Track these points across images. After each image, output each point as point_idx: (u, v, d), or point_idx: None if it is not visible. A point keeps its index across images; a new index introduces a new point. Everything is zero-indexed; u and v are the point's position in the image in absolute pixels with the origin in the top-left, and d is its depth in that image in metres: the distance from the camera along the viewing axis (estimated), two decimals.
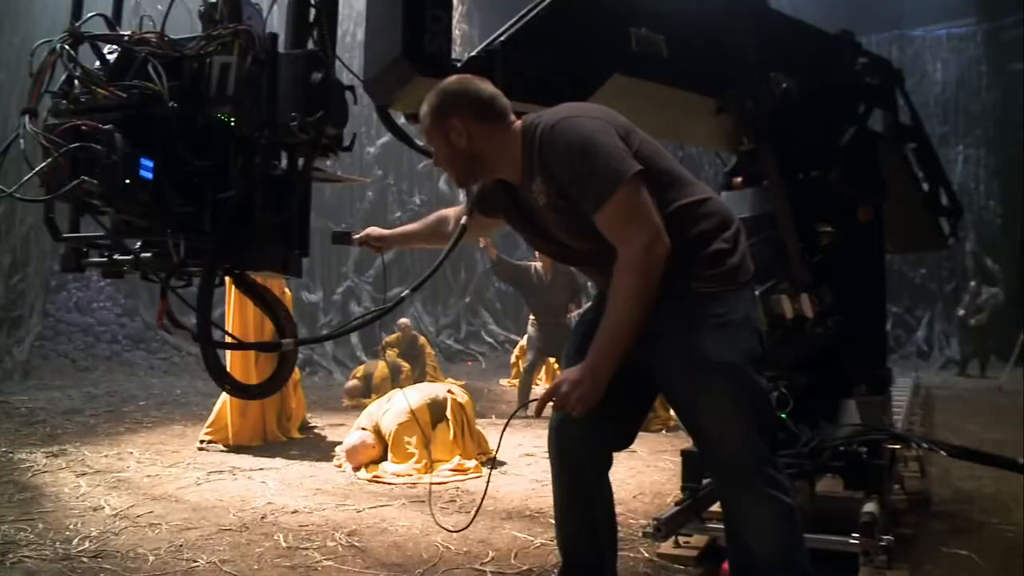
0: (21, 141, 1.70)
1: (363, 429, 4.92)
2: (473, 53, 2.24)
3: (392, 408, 4.92)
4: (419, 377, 8.89)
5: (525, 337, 8.87)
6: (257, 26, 1.93)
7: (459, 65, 2.18)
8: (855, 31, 3.58)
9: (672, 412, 7.17)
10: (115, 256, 1.89)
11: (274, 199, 1.87)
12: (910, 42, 16.54)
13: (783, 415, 2.93)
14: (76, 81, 1.77)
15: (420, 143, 2.48)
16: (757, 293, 2.88)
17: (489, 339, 15.13)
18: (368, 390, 8.43)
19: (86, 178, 1.60)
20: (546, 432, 2.25)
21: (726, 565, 2.56)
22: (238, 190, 1.81)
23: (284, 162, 1.99)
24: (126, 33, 1.86)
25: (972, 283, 13.60)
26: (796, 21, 3.36)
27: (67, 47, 1.76)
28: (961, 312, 13.07)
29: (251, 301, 2.14)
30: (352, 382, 8.71)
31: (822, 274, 2.93)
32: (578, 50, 2.40)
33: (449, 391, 5.21)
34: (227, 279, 2.05)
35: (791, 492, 2.01)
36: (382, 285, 14.16)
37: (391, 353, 9.41)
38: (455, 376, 10.25)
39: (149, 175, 1.68)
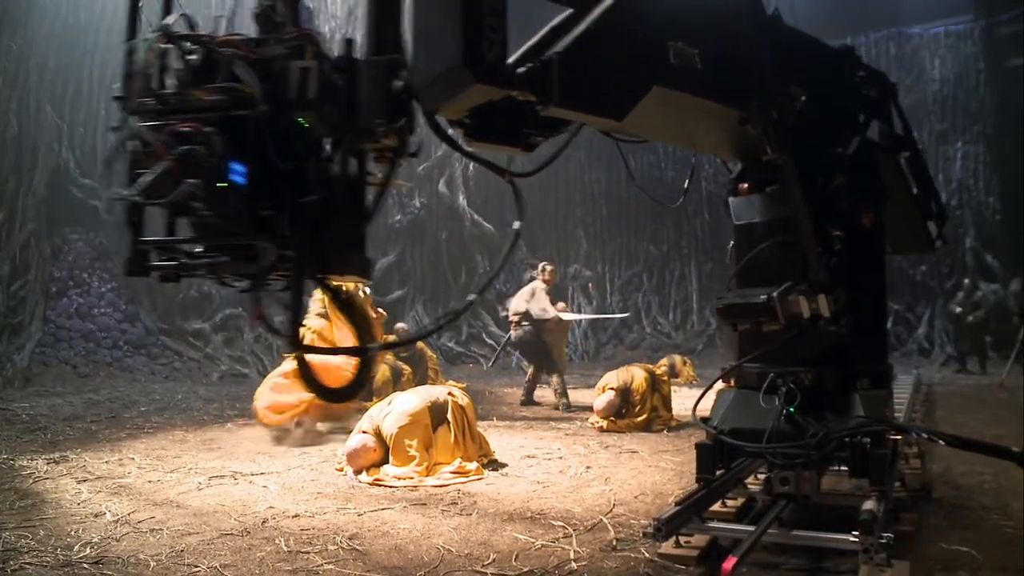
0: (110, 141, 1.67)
1: (364, 432, 4.92)
2: (531, 64, 2.25)
3: (393, 411, 4.92)
4: (420, 380, 8.90)
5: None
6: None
7: (519, 73, 2.19)
8: (853, 29, 3.61)
9: (673, 412, 7.18)
10: (183, 260, 1.84)
11: (352, 204, 1.87)
12: (908, 39, 16.56)
13: (791, 409, 2.97)
14: (162, 81, 1.72)
15: (468, 149, 2.48)
16: (775, 294, 2.95)
17: (490, 341, 15.12)
18: (369, 393, 8.42)
19: (191, 181, 1.56)
20: (547, 434, 2.25)
21: (726, 564, 2.56)
22: (320, 195, 1.78)
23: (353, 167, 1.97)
24: (208, 34, 1.83)
25: (966, 280, 13.70)
26: (806, 35, 3.43)
27: (161, 46, 1.72)
28: (958, 309, 13.04)
29: (336, 307, 2.17)
30: None
31: (837, 275, 3.00)
32: (624, 63, 2.46)
33: (450, 393, 5.21)
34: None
35: None
36: (383, 288, 14.15)
37: (388, 356, 9.42)
38: (456, 379, 10.24)
39: (241, 180, 1.64)
